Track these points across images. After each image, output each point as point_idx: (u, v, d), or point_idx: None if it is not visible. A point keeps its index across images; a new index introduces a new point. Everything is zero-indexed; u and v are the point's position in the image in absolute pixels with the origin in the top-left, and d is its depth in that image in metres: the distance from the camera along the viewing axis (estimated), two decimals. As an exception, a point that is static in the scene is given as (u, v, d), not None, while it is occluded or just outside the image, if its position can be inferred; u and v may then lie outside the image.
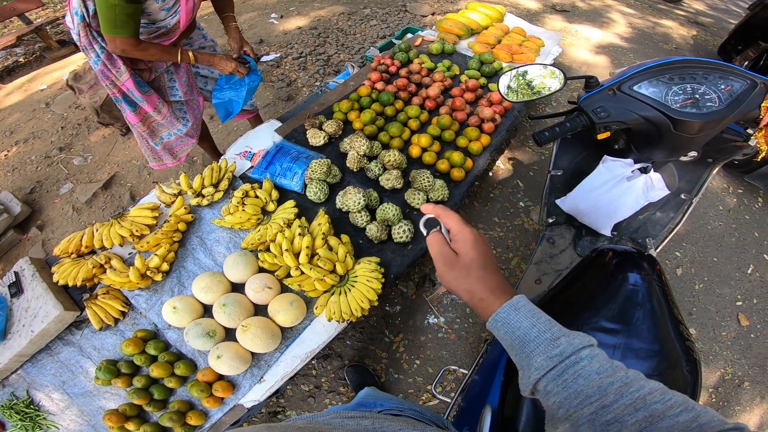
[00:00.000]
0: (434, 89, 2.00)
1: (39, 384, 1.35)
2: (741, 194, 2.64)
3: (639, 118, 1.07)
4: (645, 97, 1.07)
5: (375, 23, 3.90)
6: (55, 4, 5.25)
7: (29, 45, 4.29)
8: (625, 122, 1.08)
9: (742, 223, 2.47)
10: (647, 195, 1.31)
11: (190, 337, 1.27)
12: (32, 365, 1.38)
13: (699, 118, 1.03)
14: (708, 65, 1.07)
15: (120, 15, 1.26)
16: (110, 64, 1.49)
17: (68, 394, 1.34)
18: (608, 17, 4.81)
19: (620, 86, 1.10)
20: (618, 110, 1.09)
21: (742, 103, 1.02)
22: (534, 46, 2.59)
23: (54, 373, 1.36)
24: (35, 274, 1.46)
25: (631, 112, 1.07)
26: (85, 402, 1.32)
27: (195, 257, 1.53)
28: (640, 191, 1.31)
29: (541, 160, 2.67)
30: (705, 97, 1.05)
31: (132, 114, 1.65)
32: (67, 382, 1.35)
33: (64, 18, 1.49)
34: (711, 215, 2.49)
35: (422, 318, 1.92)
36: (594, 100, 1.12)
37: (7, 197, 2.24)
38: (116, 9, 1.24)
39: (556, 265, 1.58)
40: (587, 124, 1.10)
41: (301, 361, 1.31)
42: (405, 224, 1.46)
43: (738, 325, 1.98)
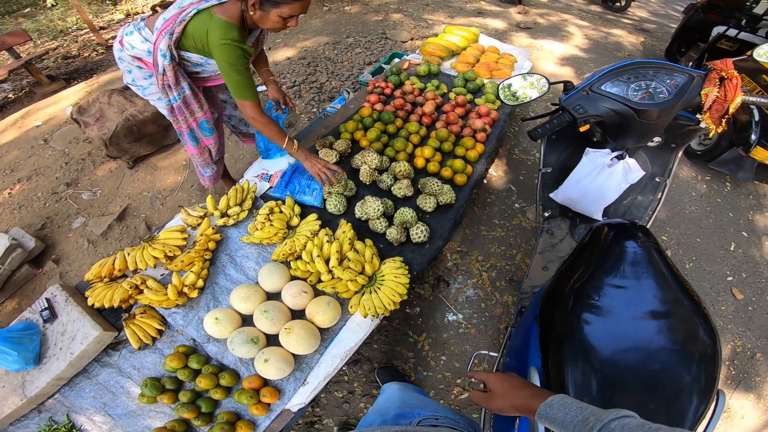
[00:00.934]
0: (429, 106, 2.23)
1: (79, 407, 1.35)
2: (709, 180, 2.94)
3: (609, 111, 1.33)
4: (611, 94, 1.33)
5: (360, 51, 4.18)
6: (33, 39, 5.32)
7: (16, 81, 4.31)
8: (599, 115, 1.34)
9: (715, 206, 2.73)
10: (627, 178, 1.53)
11: (235, 344, 1.33)
12: (70, 389, 1.39)
13: (655, 107, 1.29)
14: (655, 65, 1.35)
15: (244, 77, 1.43)
16: (192, 101, 1.67)
17: (111, 416, 1.34)
18: (566, 31, 5.28)
19: (591, 87, 1.36)
20: (592, 106, 1.34)
21: (685, 93, 1.28)
22: (509, 62, 2.89)
23: (94, 396, 1.37)
24: (68, 299, 1.50)
25: (602, 106, 1.33)
26: (130, 422, 1.32)
27: (226, 273, 1.63)
28: (620, 176, 1.53)
29: (528, 166, 2.93)
30: (657, 91, 1.32)
31: (193, 147, 1.84)
32: (109, 403, 1.36)
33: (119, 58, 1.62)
34: (686, 201, 2.75)
35: (441, 316, 2.04)
36: (572, 100, 1.37)
37: (18, 233, 2.26)
38: (241, 74, 1.41)
39: (559, 253, 1.77)
40: (570, 120, 1.35)
41: (341, 360, 1.38)
42: (421, 225, 1.63)
43: (734, 299, 2.15)
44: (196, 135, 1.81)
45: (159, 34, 1.42)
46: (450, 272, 2.22)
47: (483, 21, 5.23)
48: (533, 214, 2.54)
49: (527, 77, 1.56)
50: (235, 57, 1.39)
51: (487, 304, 2.11)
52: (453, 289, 2.16)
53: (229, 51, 1.38)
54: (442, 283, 2.18)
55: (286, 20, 1.39)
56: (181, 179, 2.72)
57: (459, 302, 2.11)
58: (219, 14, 1.38)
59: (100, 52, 4.81)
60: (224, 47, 1.37)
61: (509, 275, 2.23)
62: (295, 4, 1.33)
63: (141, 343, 1.44)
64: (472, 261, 2.29)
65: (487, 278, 2.21)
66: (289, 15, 1.37)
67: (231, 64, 1.40)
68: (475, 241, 2.38)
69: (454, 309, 2.07)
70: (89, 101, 2.74)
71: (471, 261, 2.29)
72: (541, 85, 1.53)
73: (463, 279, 2.20)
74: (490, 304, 2.11)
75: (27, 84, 4.16)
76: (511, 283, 2.19)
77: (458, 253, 2.32)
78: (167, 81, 1.54)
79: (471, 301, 2.12)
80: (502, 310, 2.09)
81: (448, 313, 2.06)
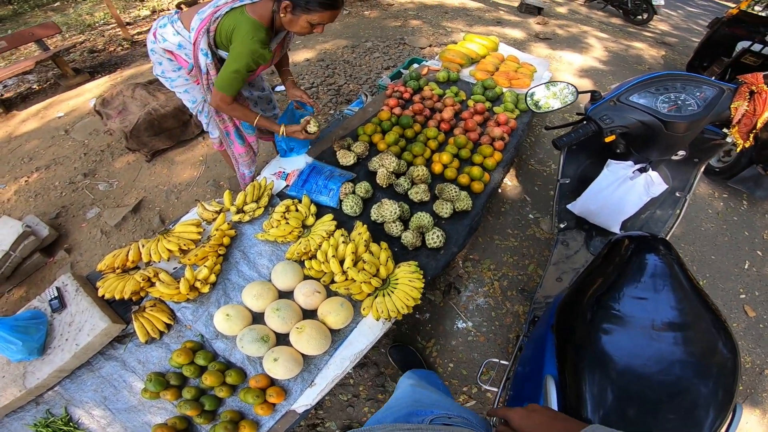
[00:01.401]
0: (447, 112, 2.23)
1: (78, 401, 1.33)
2: (726, 198, 2.90)
3: (637, 122, 1.31)
4: (639, 105, 1.31)
5: (378, 55, 4.22)
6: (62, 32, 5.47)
7: (42, 72, 4.42)
8: (626, 126, 1.32)
9: (731, 224, 2.70)
10: (649, 191, 1.51)
11: (245, 342, 1.31)
12: (71, 381, 1.37)
13: (683, 120, 1.27)
14: (684, 77, 1.33)
15: (237, 79, 1.47)
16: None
17: (110, 410, 1.32)
18: (586, 42, 5.26)
19: (619, 98, 1.34)
20: (619, 117, 1.32)
21: (714, 106, 1.27)
22: (528, 72, 2.88)
23: (95, 389, 1.35)
24: (79, 289, 1.51)
25: (630, 117, 1.31)
26: (130, 417, 1.30)
27: (239, 270, 1.63)
28: (642, 188, 1.51)
29: (543, 176, 2.90)
30: (686, 103, 1.30)
31: (240, 146, 1.90)
32: (110, 397, 1.33)
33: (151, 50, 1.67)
34: (702, 218, 2.72)
35: (451, 323, 2.03)
36: (599, 110, 1.35)
37: (33, 221, 2.29)
38: (238, 74, 1.45)
39: (573, 264, 1.75)
40: (596, 130, 1.34)
41: (350, 362, 1.36)
42: (437, 230, 1.61)
43: (746, 317, 2.13)
44: (241, 133, 1.85)
45: (197, 33, 1.46)
46: (461, 279, 2.21)
47: (502, 30, 5.24)
48: (547, 225, 2.52)
49: (552, 86, 1.55)
50: (250, 55, 1.42)
51: (498, 313, 2.09)
52: (464, 296, 2.14)
53: (249, 48, 1.41)
54: (453, 290, 2.16)
55: (313, 26, 1.42)
56: (197, 174, 2.74)
57: (469, 310, 2.09)
58: (250, 13, 1.41)
59: (126, 47, 4.90)
60: (246, 42, 1.40)
61: (521, 285, 2.21)
62: (326, 12, 1.37)
63: (148, 337, 1.43)
64: (484, 269, 2.27)
65: (498, 287, 2.19)
66: (318, 22, 1.40)
67: (241, 59, 1.43)
68: (487, 250, 2.36)
69: (464, 316, 2.06)
70: (113, 94, 2.79)
71: (483, 269, 2.27)
72: (566, 94, 1.53)
73: (474, 287, 2.19)
74: (501, 313, 2.09)
75: (52, 76, 4.25)
76: (522, 293, 2.17)
77: (470, 261, 2.30)
78: (211, 80, 1.58)
79: (481, 309, 2.10)
80: (512, 319, 2.07)
81: (458, 320, 2.04)
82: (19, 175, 2.85)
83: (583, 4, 7.21)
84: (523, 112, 2.46)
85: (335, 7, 1.39)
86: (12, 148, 3.17)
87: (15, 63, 4.04)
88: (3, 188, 2.75)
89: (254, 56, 1.42)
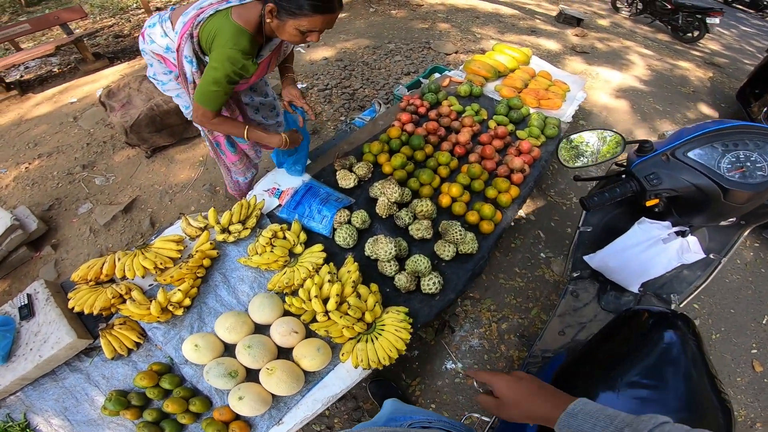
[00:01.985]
0: (464, 135, 2.06)
1: (38, 408, 1.34)
2: (758, 248, 2.70)
3: (691, 186, 1.10)
4: (698, 164, 1.10)
5: (399, 59, 4.06)
6: (95, 15, 5.54)
7: (65, 56, 4.47)
8: (676, 189, 1.10)
9: (758, 276, 2.53)
10: (681, 257, 1.33)
11: (211, 376, 1.27)
12: (33, 389, 1.38)
13: (749, 188, 1.06)
14: (761, 131, 1.10)
15: (218, 93, 1.32)
16: (224, 109, 1.56)
17: (70, 421, 1.32)
18: (627, 59, 4.97)
19: (674, 152, 1.13)
20: (670, 177, 1.11)
21: None
22: (560, 91, 2.67)
23: (56, 399, 1.36)
24: (49, 298, 1.48)
25: (683, 179, 1.10)
26: (88, 430, 1.30)
27: (217, 294, 1.55)
28: (674, 253, 1.33)
29: (563, 211, 2.70)
30: (756, 166, 1.08)
31: (233, 154, 1.78)
32: (70, 408, 1.34)
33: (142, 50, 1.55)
34: (729, 269, 2.56)
35: (440, 363, 1.93)
36: (646, 165, 1.15)
37: (24, 213, 2.28)
38: (218, 87, 1.29)
39: (580, 318, 1.59)
40: (637, 190, 1.13)
41: (322, 405, 1.31)
42: (435, 276, 1.47)
43: (752, 371, 2.05)
44: (232, 141, 1.75)
45: (180, 38, 1.34)
46: (457, 318, 2.09)
47: (536, 40, 4.99)
48: (559, 266, 2.36)
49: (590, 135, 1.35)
50: (229, 65, 1.26)
51: (491, 357, 1.98)
52: (457, 336, 2.03)
53: (228, 57, 1.25)
54: (447, 329, 2.05)
55: (304, 34, 1.25)
56: (195, 176, 2.69)
57: (461, 351, 1.99)
58: (235, 17, 1.27)
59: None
60: (224, 51, 1.24)
61: (521, 329, 2.09)
62: (315, 17, 1.18)
63: (115, 354, 1.40)
64: (484, 309, 2.14)
65: (495, 329, 2.08)
66: (309, 29, 1.22)
67: (218, 70, 1.26)
68: (490, 289, 2.23)
69: (454, 357, 1.96)
70: (120, 85, 2.75)
71: (482, 309, 2.15)
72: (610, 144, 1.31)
73: (470, 327, 2.07)
74: (494, 356, 1.99)
75: (74, 60, 4.30)
76: (521, 338, 2.05)
77: (470, 300, 2.18)
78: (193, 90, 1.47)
79: (474, 351, 1.99)
80: (506, 364, 1.96)
81: (448, 360, 1.95)
82: (22, 160, 2.87)
83: (628, 18, 6.84)
84: (549, 139, 2.27)
85: (327, 11, 1.19)
86: (20, 131, 3.19)
87: (39, 46, 4.07)
88: (4, 173, 2.77)
89: (235, 67, 1.26)
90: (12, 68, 4.16)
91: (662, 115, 3.93)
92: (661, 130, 3.72)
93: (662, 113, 3.96)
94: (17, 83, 3.82)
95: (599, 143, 1.32)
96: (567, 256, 1.65)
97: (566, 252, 2.43)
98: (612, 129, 1.33)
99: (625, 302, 1.54)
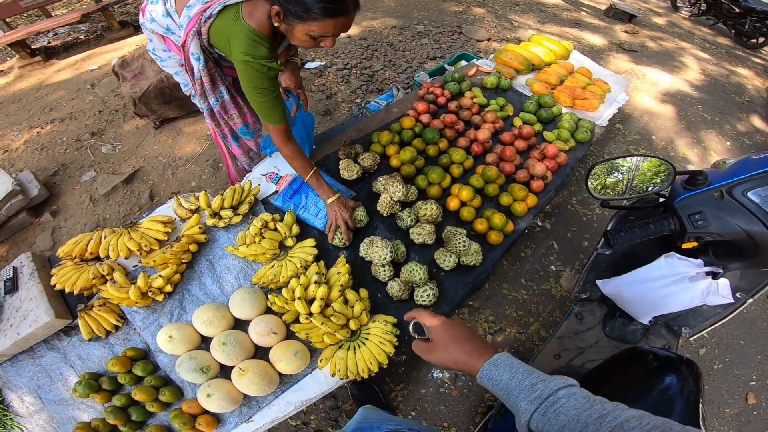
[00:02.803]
0: (484, 132, 1.89)
1: (13, 384, 1.35)
2: None
3: (742, 232, 0.92)
4: (757, 208, 0.92)
5: (426, 42, 3.86)
6: None
7: (93, 23, 4.49)
8: (722, 235, 0.93)
9: None
10: (706, 298, 1.19)
11: (182, 369, 1.24)
12: (11, 365, 1.39)
13: None
14: None
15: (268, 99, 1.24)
16: (230, 106, 1.53)
17: (41, 399, 1.33)
18: (680, 61, 4.60)
19: (731, 189, 0.96)
20: (719, 220, 0.95)
21: None
22: (599, 92, 2.45)
23: (31, 376, 1.36)
24: (34, 273, 1.47)
25: (734, 224, 0.93)
26: (58, 410, 1.31)
27: (201, 282, 1.49)
28: (698, 293, 1.19)
29: (582, 222, 2.51)
30: None
31: (237, 148, 1.74)
32: (43, 386, 1.35)
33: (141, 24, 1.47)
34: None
35: (427, 371, 1.88)
36: (693, 202, 0.99)
37: (27, 177, 2.29)
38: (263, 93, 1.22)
39: (580, 342, 1.49)
40: (675, 230, 0.97)
41: (295, 408, 1.27)
42: (430, 288, 1.36)
43: (744, 403, 1.98)
44: (236, 135, 1.70)
45: (186, 35, 1.24)
46: None
47: (579, 33, 4.66)
48: (569, 282, 2.22)
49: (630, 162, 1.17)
50: (259, 78, 1.18)
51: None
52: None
53: (253, 71, 1.17)
54: None
55: (316, 39, 1.13)
56: (200, 150, 2.65)
57: None
58: (246, 18, 1.14)
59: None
60: (247, 66, 1.16)
61: (516, 345, 1.99)
62: (326, 21, 1.06)
63: (92, 335, 1.39)
64: (481, 320, 2.04)
65: (490, 341, 2.00)
66: (320, 34, 1.10)
67: (255, 86, 1.20)
68: (491, 299, 2.11)
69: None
70: (134, 56, 2.73)
71: (479, 319, 2.05)
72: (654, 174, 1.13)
73: None
74: None
75: (100, 27, 4.33)
76: (515, 354, 1.91)
77: (468, 308, 2.07)
78: (205, 87, 1.40)
79: None
80: None
81: (435, 369, 1.88)
82: (35, 125, 2.90)
83: (687, 18, 6.30)
84: (579, 144, 2.07)
85: (340, 14, 1.07)
86: (39, 96, 3.24)
87: (68, 14, 4.09)
88: (16, 135, 2.81)
89: (261, 73, 1.18)
90: (40, 35, 4.22)
91: (709, 126, 3.61)
92: (706, 142, 3.42)
93: (710, 123, 3.64)
94: (43, 49, 3.87)
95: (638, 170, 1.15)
96: (578, 273, 1.52)
97: (579, 268, 2.30)
98: (660, 156, 1.15)
99: (631, 331, 1.43)
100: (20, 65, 3.67)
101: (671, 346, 1.40)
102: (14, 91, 3.37)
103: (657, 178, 1.17)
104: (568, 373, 1.43)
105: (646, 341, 1.42)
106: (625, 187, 1.22)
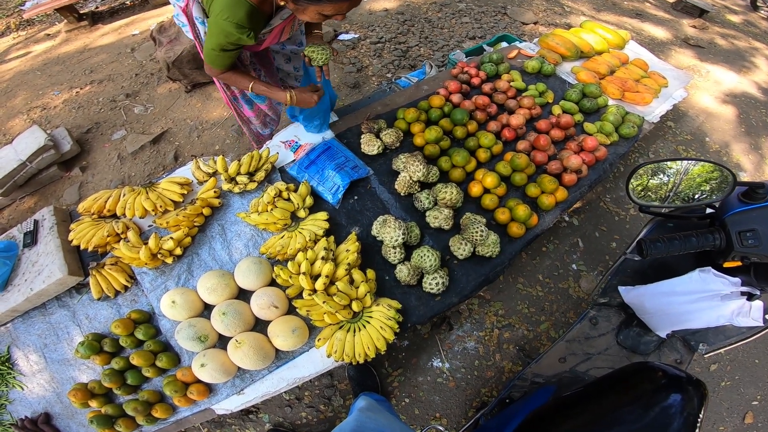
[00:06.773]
0: (518, 118, 1.76)
1: (22, 342, 1.39)
2: None
3: None
4: None
5: (467, 20, 3.66)
6: None
7: None
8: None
9: None
10: (734, 319, 1.07)
11: (181, 337, 1.25)
12: (22, 321, 1.43)
13: None
14: None
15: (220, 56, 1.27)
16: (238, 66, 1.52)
17: (45, 358, 1.37)
18: (751, 61, 4.15)
19: None
20: None
21: None
22: (654, 86, 2.23)
23: (39, 334, 1.40)
24: (53, 227, 1.50)
25: None
26: (60, 369, 1.34)
27: (211, 246, 1.49)
28: (728, 312, 1.07)
29: (613, 222, 2.33)
30: None
31: (250, 110, 1.73)
32: (49, 345, 1.39)
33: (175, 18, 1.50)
34: None
35: (427, 359, 1.84)
36: (747, 217, 0.89)
37: (61, 134, 2.38)
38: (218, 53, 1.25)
39: (589, 348, 1.40)
40: (720, 247, 0.86)
41: (288, 384, 1.27)
42: (440, 276, 1.29)
43: (740, 422, 1.88)
44: (247, 97, 1.66)
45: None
46: (459, 316, 1.93)
47: (639, 25, 4.28)
48: (589, 283, 2.08)
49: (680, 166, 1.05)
50: (223, 36, 1.16)
51: (482, 363, 1.84)
52: (454, 334, 1.89)
53: (221, 29, 1.14)
54: (446, 325, 1.92)
55: (328, 16, 1.10)
56: (227, 115, 2.65)
57: (453, 351, 1.87)
58: None
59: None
60: (217, 22, 1.13)
61: (523, 342, 1.91)
62: (341, 3, 1.04)
63: (102, 294, 1.41)
64: (490, 313, 1.96)
65: (496, 336, 1.91)
66: (334, 13, 1.08)
67: (213, 37, 1.19)
68: (504, 292, 2.02)
69: (444, 355, 1.85)
70: (172, 22, 2.76)
71: (489, 312, 1.96)
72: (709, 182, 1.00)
73: (470, 328, 1.91)
74: (486, 363, 1.84)
75: (146, -8, 4.40)
76: (520, 351, 1.88)
77: (479, 299, 1.99)
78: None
79: (467, 353, 1.86)
80: (495, 374, 1.83)
81: (436, 358, 1.84)
82: (75, 85, 3.00)
83: (767, 19, 5.66)
84: (623, 139, 1.90)
85: None
86: (81, 59, 3.35)
87: None
88: (57, 95, 2.93)
89: (228, 39, 1.17)
90: (89, 0, 4.34)
91: (771, 132, 3.25)
92: (764, 149, 3.09)
93: (773, 130, 3.28)
94: (90, 14, 3.97)
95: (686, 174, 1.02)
96: (600, 276, 1.40)
97: (602, 270, 2.16)
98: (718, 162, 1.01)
99: (646, 341, 1.34)
100: (67, 29, 3.80)
101: (684, 362, 1.31)
102: (59, 54, 3.49)
103: (707, 186, 1.04)
104: (571, 378, 1.38)
105: (659, 354, 1.33)
106: (669, 192, 1.10)
